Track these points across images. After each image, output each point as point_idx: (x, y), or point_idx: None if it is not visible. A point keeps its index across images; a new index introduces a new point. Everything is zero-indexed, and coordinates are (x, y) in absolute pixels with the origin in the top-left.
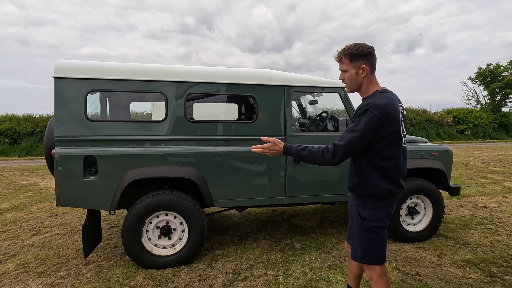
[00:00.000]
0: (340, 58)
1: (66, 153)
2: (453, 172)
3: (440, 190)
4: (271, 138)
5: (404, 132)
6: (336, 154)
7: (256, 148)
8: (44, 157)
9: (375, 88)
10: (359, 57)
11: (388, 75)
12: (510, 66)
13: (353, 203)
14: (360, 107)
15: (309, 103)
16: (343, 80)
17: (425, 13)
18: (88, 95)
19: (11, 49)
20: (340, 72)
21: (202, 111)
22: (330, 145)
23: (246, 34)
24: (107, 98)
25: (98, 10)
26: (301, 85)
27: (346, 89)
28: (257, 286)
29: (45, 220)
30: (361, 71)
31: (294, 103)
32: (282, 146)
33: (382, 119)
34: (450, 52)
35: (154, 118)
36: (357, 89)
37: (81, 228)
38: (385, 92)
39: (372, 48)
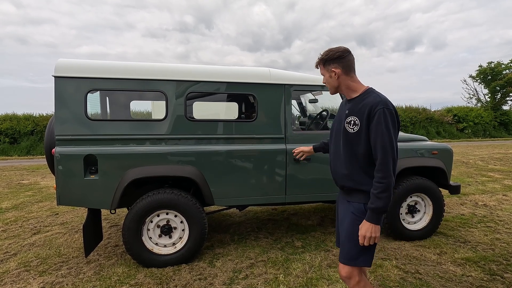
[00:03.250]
0: (316, 65)
1: (67, 152)
2: (453, 171)
3: (440, 189)
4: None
5: None
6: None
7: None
8: (44, 156)
9: (361, 86)
10: (330, 61)
11: (388, 73)
12: (511, 64)
13: (351, 201)
14: (365, 108)
15: (309, 102)
16: (324, 84)
17: (424, 11)
18: (88, 94)
19: (10, 49)
20: None
21: (202, 110)
22: (378, 168)
23: (245, 32)
24: (107, 97)
25: (96, 9)
26: (301, 83)
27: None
28: (257, 284)
29: (46, 219)
30: (333, 74)
31: (294, 102)
32: (367, 223)
33: (395, 112)
34: (450, 50)
35: (154, 117)
36: (336, 90)
37: (81, 227)
38: (375, 90)
39: (343, 51)
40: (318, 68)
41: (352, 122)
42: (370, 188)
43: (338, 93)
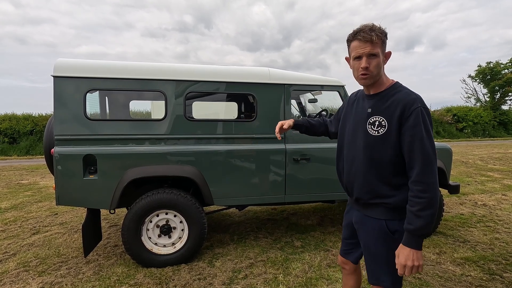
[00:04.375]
0: (371, 38)
1: (66, 152)
2: (453, 170)
3: (440, 188)
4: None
5: None
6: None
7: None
8: (43, 156)
9: (388, 79)
10: (386, 40)
11: (388, 73)
12: (510, 64)
13: (369, 216)
14: (395, 107)
15: (308, 102)
16: (367, 67)
17: (424, 11)
18: (88, 94)
19: (9, 48)
20: (359, 58)
21: (202, 109)
22: (416, 180)
23: (244, 32)
24: (106, 97)
25: (95, 8)
26: (300, 83)
27: (365, 80)
28: (257, 284)
29: (45, 219)
30: (386, 58)
31: (293, 102)
32: (405, 248)
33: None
34: (450, 50)
35: (153, 117)
36: (378, 79)
37: (81, 227)
38: None
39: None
40: (371, 42)
41: (377, 123)
42: (395, 202)
43: (338, 92)
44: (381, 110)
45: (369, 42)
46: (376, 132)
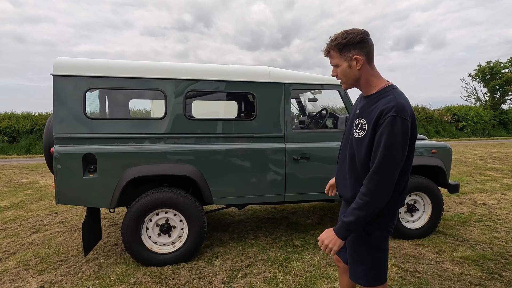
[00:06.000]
0: (327, 52)
1: (66, 151)
2: (452, 170)
3: (440, 187)
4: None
5: None
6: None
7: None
8: (43, 155)
9: (381, 81)
10: (349, 46)
11: (388, 72)
12: (509, 63)
13: None
14: (375, 112)
15: (308, 101)
16: (336, 76)
17: (424, 10)
18: (87, 92)
19: (8, 47)
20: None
21: (202, 108)
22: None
23: (244, 31)
24: (106, 96)
25: (94, 7)
26: (300, 82)
27: (342, 85)
28: (256, 283)
29: (45, 218)
30: (355, 62)
31: (293, 101)
32: (332, 231)
33: (412, 124)
34: (449, 49)
35: (153, 115)
36: (354, 84)
37: (81, 226)
38: (397, 88)
39: (364, 33)
40: (328, 56)
41: (360, 126)
42: None
43: (338, 91)
44: (366, 113)
45: (327, 56)
46: (358, 134)
